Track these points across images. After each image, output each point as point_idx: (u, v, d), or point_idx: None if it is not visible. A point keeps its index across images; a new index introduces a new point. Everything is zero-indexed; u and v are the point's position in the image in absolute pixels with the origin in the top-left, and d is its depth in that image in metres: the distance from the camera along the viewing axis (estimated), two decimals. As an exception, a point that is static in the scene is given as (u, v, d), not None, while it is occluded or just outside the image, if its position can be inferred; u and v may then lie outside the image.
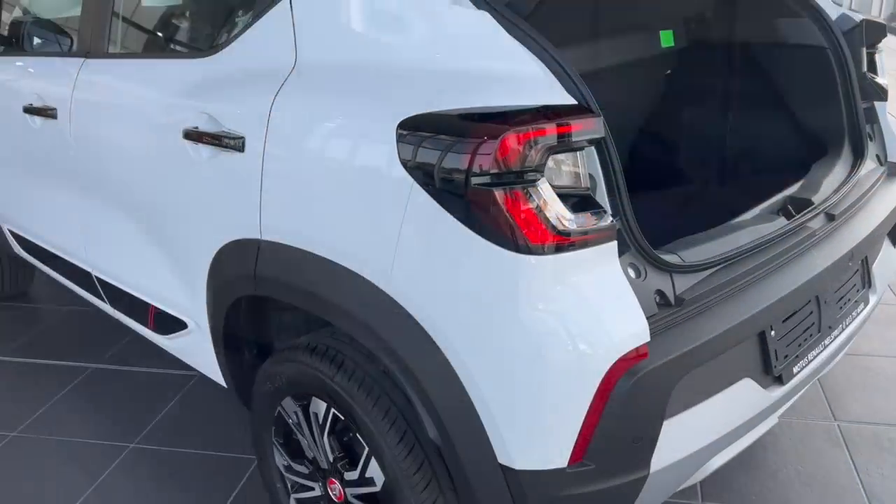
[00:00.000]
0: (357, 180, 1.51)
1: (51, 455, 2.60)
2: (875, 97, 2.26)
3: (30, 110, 2.56)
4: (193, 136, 1.86)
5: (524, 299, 1.35)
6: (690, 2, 2.36)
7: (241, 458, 2.49)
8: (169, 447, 2.59)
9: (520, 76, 1.42)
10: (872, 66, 2.30)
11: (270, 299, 1.86)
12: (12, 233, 3.15)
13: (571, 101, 1.39)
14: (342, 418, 1.71)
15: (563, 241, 1.34)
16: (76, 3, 2.56)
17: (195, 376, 2.95)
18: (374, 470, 1.68)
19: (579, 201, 1.38)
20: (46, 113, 2.48)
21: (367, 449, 1.67)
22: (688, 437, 1.55)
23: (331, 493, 1.84)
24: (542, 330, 1.36)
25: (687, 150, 2.67)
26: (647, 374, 1.40)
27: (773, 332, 1.70)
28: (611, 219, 1.40)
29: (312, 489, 1.91)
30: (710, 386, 1.59)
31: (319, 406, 1.77)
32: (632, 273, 1.46)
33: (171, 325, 2.27)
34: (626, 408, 1.40)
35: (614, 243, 1.40)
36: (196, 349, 2.20)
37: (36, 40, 2.80)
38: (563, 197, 1.37)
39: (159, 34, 2.42)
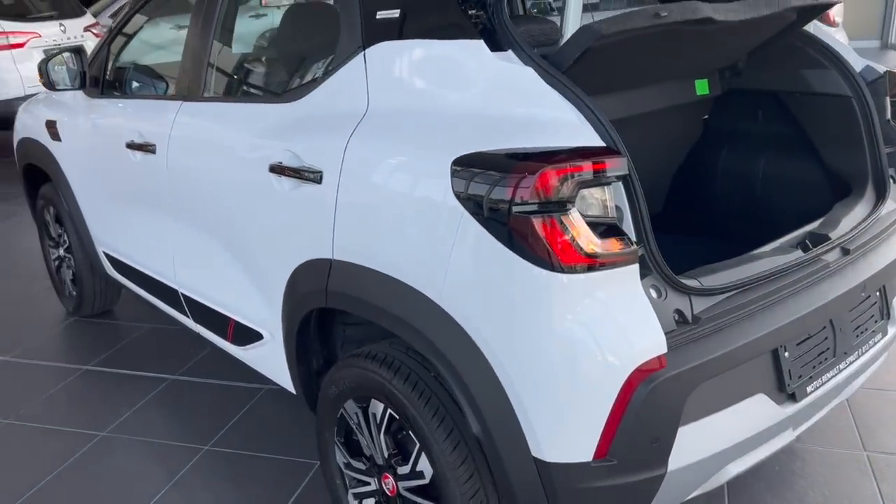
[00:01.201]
0: (416, 208, 1.77)
1: (135, 453, 2.90)
2: (898, 143, 2.43)
3: (131, 146, 2.91)
4: (277, 169, 2.15)
5: (556, 312, 1.58)
6: (724, 54, 2.57)
7: (303, 462, 2.73)
8: (239, 450, 2.85)
9: (558, 122, 1.66)
10: (897, 113, 2.47)
11: (337, 312, 2.12)
12: (106, 255, 3.51)
13: (601, 143, 1.62)
14: (397, 417, 1.94)
15: (591, 263, 1.57)
16: (173, 53, 2.92)
17: (263, 389, 3.23)
18: (424, 464, 1.91)
19: (606, 229, 1.61)
20: (146, 148, 2.82)
21: (418, 445, 1.90)
22: (704, 441, 1.73)
23: (385, 487, 2.07)
24: (570, 339, 1.58)
25: (723, 188, 2.85)
26: (664, 382, 1.60)
27: (787, 354, 1.88)
28: (633, 244, 1.62)
29: (368, 484, 2.13)
30: (726, 397, 1.77)
31: (377, 407, 2.00)
32: (654, 293, 1.67)
33: (248, 336, 2.55)
34: (645, 411, 1.60)
35: (636, 266, 1.62)
36: (269, 358, 2.47)
37: (136, 84, 3.18)
38: (593, 225, 1.60)
39: (248, 82, 2.75)
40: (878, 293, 2.18)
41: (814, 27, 2.53)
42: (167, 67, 3.03)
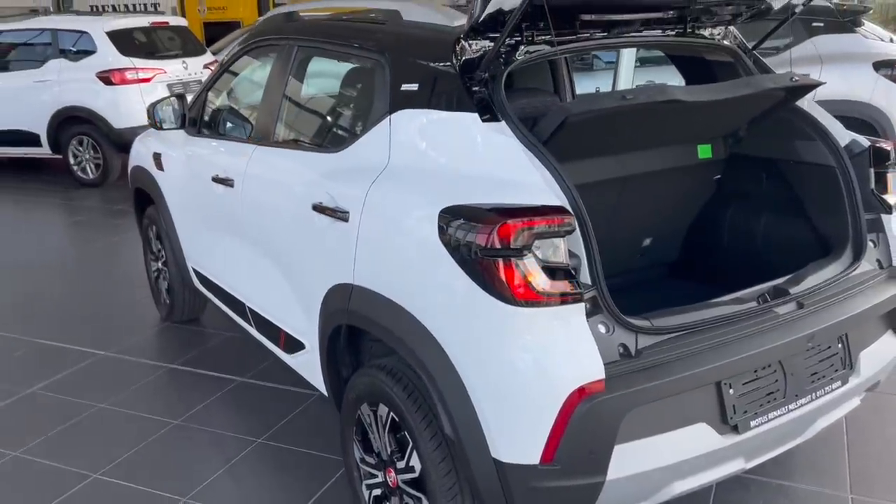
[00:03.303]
0: (411, 246, 2.18)
1: (199, 440, 3.40)
2: (881, 210, 2.64)
3: (216, 179, 3.45)
4: (318, 208, 2.61)
5: (512, 338, 1.95)
6: (719, 125, 2.86)
7: (337, 459, 3.13)
8: (286, 445, 3.30)
9: (528, 184, 2.04)
10: (883, 183, 2.68)
11: (358, 328, 2.54)
12: (194, 270, 4.08)
13: (563, 202, 1.98)
14: (397, 420, 2.33)
15: (542, 300, 1.92)
16: (254, 102, 3.46)
17: (314, 395, 3.67)
18: (415, 460, 2.28)
19: (559, 272, 1.96)
20: (227, 182, 3.36)
21: (411, 443, 2.28)
22: (644, 457, 2.03)
23: (388, 479, 2.46)
24: (522, 360, 1.94)
25: (730, 242, 3.11)
26: (601, 402, 1.93)
27: (731, 390, 2.16)
28: (579, 287, 1.96)
29: (377, 476, 2.53)
30: (668, 422, 2.07)
31: (384, 410, 2.40)
32: (602, 329, 2.00)
33: (294, 345, 3.01)
34: (585, 425, 1.93)
35: (582, 304, 1.96)
36: (309, 365, 2.91)
37: (224, 127, 3.75)
38: (549, 269, 1.95)
39: (306, 133, 3.25)
40: (839, 344, 2.41)
41: (807, 102, 2.78)
42: (248, 115, 3.57)
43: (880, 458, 3.08)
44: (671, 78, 3.22)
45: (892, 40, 7.06)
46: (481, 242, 1.95)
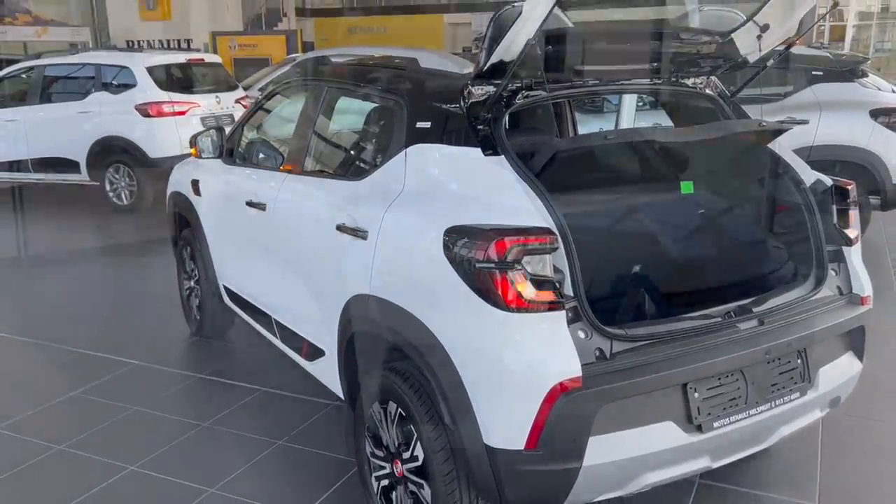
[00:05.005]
0: (420, 260, 2.53)
1: (225, 441, 3.72)
2: (842, 243, 2.95)
3: (249, 204, 3.83)
4: (341, 228, 2.97)
5: (503, 339, 2.28)
6: (705, 161, 3.20)
7: (350, 461, 3.45)
8: (304, 447, 3.62)
9: (521, 208, 2.38)
10: (845, 218, 2.99)
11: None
12: (224, 287, 4.44)
13: (545, 224, 2.32)
14: (404, 415, 2.65)
15: (529, 307, 2.26)
16: (285, 136, 3.86)
17: (330, 404, 4.00)
18: (419, 450, 2.60)
19: (545, 284, 2.29)
20: (259, 206, 3.73)
21: (415, 435, 2.60)
22: (615, 448, 2.33)
23: (395, 470, 2.77)
24: (512, 358, 2.27)
25: (711, 270, 3.41)
26: (578, 396, 2.25)
27: (696, 394, 2.46)
28: (562, 297, 2.29)
29: (385, 468, 2.84)
30: (638, 419, 2.37)
31: (392, 407, 2.72)
32: (581, 335, 2.33)
33: (316, 353, 3.35)
34: (564, 416, 2.24)
35: (563, 312, 2.29)
36: (328, 371, 3.25)
37: (257, 157, 4.14)
38: (536, 281, 2.29)
39: (332, 163, 3.63)
40: (799, 360, 2.70)
41: (778, 145, 3.11)
42: (280, 147, 3.97)
43: (850, 474, 3.34)
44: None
45: (893, 91, 7.36)
46: (479, 256, 2.29)
